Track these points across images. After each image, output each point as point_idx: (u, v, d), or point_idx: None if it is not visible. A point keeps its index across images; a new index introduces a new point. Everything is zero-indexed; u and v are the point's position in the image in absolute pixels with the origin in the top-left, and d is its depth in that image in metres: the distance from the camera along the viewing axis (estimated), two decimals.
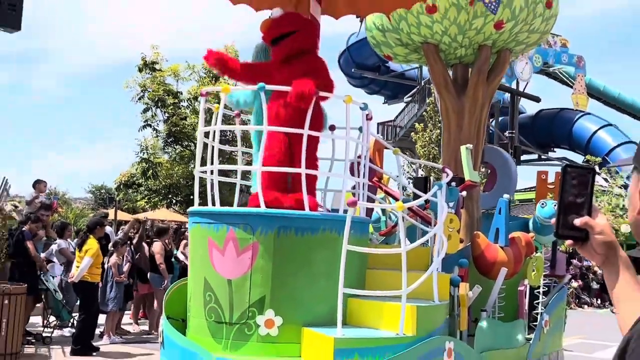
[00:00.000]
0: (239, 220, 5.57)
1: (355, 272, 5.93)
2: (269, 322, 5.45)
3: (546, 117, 30.92)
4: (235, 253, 5.53)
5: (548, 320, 7.98)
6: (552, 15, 9.01)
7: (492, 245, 7.57)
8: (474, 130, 9.03)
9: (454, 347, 5.67)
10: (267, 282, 5.48)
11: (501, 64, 9.22)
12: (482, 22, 8.57)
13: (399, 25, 8.99)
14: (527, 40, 9.11)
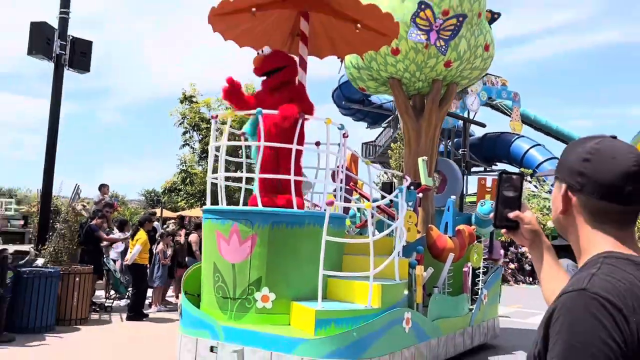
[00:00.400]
0: (241, 216, 5.61)
1: (334, 257, 5.98)
2: (264, 297, 5.49)
3: (490, 138, 32.46)
4: (238, 243, 5.57)
5: (486, 294, 8.07)
6: (489, 56, 9.13)
7: (442, 235, 7.65)
8: (429, 145, 9.12)
9: (411, 317, 5.74)
10: (263, 265, 5.52)
11: (450, 94, 9.33)
12: (435, 61, 8.67)
13: (370, 64, 9.08)
14: (470, 75, 9.22)
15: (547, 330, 1.10)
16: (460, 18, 8.31)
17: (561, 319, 1.07)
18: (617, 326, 1.03)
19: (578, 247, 1.29)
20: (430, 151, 9.12)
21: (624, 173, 1.18)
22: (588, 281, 1.10)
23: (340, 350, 4.87)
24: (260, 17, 6.89)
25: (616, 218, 1.22)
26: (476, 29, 8.78)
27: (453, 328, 6.87)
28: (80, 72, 10.39)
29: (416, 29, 8.27)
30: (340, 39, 7.41)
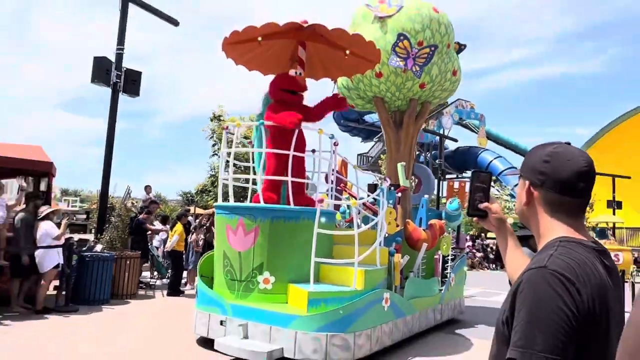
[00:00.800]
0: (246, 212, 5.29)
1: (325, 247, 5.65)
2: (266, 280, 5.16)
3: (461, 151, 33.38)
4: (243, 234, 5.25)
5: (454, 277, 7.72)
6: (456, 80, 8.79)
7: (417, 228, 7.30)
8: (406, 153, 8.78)
9: (390, 297, 5.39)
10: (264, 253, 5.20)
11: (424, 111, 8.98)
12: (412, 83, 8.34)
13: (357, 85, 8.75)
14: (441, 95, 8.88)
15: (514, 300, 1.08)
16: (432, 48, 7.98)
17: (525, 290, 1.06)
18: (572, 296, 1.03)
19: (538, 233, 1.26)
20: (408, 157, 8.78)
21: (578, 172, 1.18)
22: (547, 260, 1.09)
23: (328, 325, 4.54)
24: (265, 46, 6.58)
25: (570, 209, 1.21)
26: (446, 57, 8.44)
27: (425, 306, 6.52)
28: (132, 97, 10.48)
29: (395, 56, 7.94)
30: (332, 64, 7.10)
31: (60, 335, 5.74)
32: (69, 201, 30.19)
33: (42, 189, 8.95)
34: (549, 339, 0.99)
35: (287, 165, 5.50)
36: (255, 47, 6.45)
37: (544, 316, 1.01)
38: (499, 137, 33.95)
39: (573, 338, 1.00)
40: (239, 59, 6.69)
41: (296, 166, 5.69)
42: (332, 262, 5.28)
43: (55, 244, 7.08)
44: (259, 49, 6.55)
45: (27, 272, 6.94)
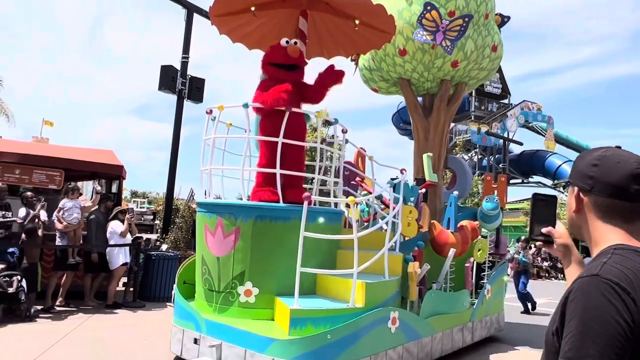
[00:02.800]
0: (225, 210, 4.57)
1: (323, 253, 4.84)
2: (247, 292, 4.43)
3: (527, 155, 32.73)
4: (222, 236, 4.54)
5: (490, 289, 6.65)
6: (497, 57, 7.63)
7: (444, 230, 6.31)
8: (437, 142, 7.74)
9: (399, 316, 4.49)
10: (246, 259, 4.46)
11: (458, 94, 7.89)
12: (442, 61, 7.30)
13: (380, 65, 7.81)
14: (478, 75, 7.76)
15: (564, 309, 1.07)
16: (466, 18, 6.89)
17: (576, 299, 1.05)
18: (626, 306, 1.01)
19: (590, 241, 1.23)
20: (439, 148, 7.74)
21: (629, 174, 1.16)
22: (600, 268, 1.08)
23: (311, 353, 3.73)
24: (263, 19, 5.84)
25: (623, 213, 1.17)
26: (483, 30, 7.32)
27: (450, 324, 5.54)
28: (196, 103, 11.07)
29: (422, 29, 6.92)
30: (344, 38, 6.25)
31: (130, 328, 6.22)
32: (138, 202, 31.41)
33: (114, 190, 9.88)
34: (600, 351, 0.97)
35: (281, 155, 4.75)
36: (251, 20, 5.73)
37: (596, 326, 1.00)
38: (569, 139, 32.84)
39: (627, 350, 0.97)
40: (234, 35, 5.99)
41: (291, 156, 4.91)
42: (323, 272, 4.45)
43: (122, 242, 7.70)
44: (256, 23, 5.82)
45: (98, 268, 7.66)
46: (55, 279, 7.40)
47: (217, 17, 5.50)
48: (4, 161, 8.06)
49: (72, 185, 7.84)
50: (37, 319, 6.49)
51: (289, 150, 4.85)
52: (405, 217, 5.74)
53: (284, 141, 4.58)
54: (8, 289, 6.27)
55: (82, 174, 9.62)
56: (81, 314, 6.94)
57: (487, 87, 33.93)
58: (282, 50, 4.90)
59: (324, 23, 6.02)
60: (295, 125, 4.86)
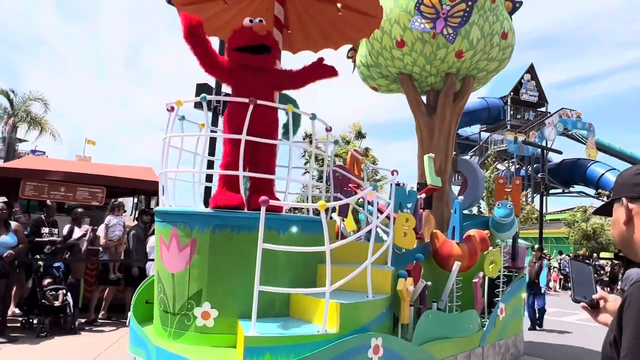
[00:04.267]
0: (180, 219, 4.03)
1: (300, 267, 4.25)
2: (205, 314, 3.86)
3: (567, 164, 32.39)
4: (177, 249, 4.00)
5: (504, 308, 5.89)
6: (508, 45, 6.96)
7: (448, 241, 5.63)
8: (443, 142, 7.08)
9: (384, 343, 3.83)
10: (203, 276, 3.90)
11: (466, 89, 7.23)
12: (445, 52, 6.67)
13: (377, 60, 7.24)
14: (487, 67, 7.08)
15: (621, 317, 1.07)
16: (469, 2, 6.26)
17: (632, 305, 1.05)
18: None
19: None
20: (445, 149, 7.08)
21: None
22: None
23: None
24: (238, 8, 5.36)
25: None
26: (490, 15, 6.67)
27: (454, 350, 4.84)
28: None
29: (420, 17, 6.33)
30: (331, 28, 5.71)
31: None
32: None
33: (152, 206, 10.28)
34: None
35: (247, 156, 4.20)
36: (224, 9, 5.27)
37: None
38: (611, 147, 32.10)
39: None
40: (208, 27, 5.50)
41: (261, 155, 4.36)
42: (286, 290, 3.84)
43: None
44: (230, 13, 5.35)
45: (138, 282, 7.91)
46: (98, 293, 7.84)
47: (183, 7, 5.04)
48: (51, 179, 8.57)
49: (117, 202, 8.28)
50: (81, 332, 6.89)
51: (259, 148, 4.31)
52: (401, 226, 5.10)
53: (248, 138, 4.03)
54: (54, 303, 6.74)
55: (123, 190, 10.10)
56: (123, 328, 7.07)
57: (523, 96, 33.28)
58: (246, 30, 4.31)
59: (306, 11, 5.50)
60: (265, 120, 4.31)
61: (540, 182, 16.13)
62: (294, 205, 4.31)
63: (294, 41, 6.02)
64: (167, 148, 4.27)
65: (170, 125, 4.27)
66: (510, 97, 33.31)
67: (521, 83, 33.46)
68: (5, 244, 6.46)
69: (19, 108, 25.09)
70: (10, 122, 25.06)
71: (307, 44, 6.07)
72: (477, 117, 33.44)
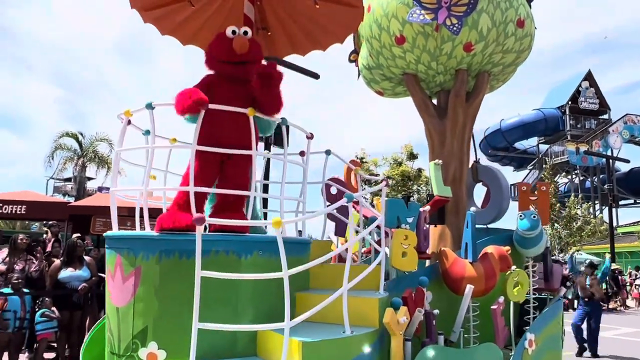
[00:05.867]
0: (123, 244, 3.59)
1: (274, 298, 3.68)
2: (151, 356, 3.34)
3: (637, 172, 31.17)
4: (121, 279, 3.54)
5: (533, 339, 5.04)
6: (525, 34, 6.25)
7: (459, 261, 4.90)
8: (456, 147, 6.39)
9: None
10: (149, 311, 3.41)
11: (480, 86, 6.53)
12: (451, 46, 6.05)
13: (378, 61, 6.70)
14: (503, 60, 6.38)
15: None
16: None
17: None
18: None
19: None
20: (460, 155, 6.39)
21: None
22: None
23: None
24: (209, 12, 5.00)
25: None
26: (502, 1, 6.01)
27: None
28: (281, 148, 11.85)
29: (419, 7, 5.77)
30: (313, 27, 5.26)
31: None
32: None
33: None
34: None
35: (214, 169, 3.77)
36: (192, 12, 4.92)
37: None
38: None
39: None
40: (179, 34, 5.18)
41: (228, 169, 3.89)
42: (229, 327, 3.23)
43: None
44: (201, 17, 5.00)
45: None
46: None
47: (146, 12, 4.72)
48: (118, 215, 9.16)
49: None
50: None
51: (228, 162, 3.84)
52: (398, 244, 4.46)
53: (199, 148, 3.56)
54: None
55: None
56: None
57: (582, 104, 32.07)
58: (227, 43, 3.92)
59: (284, 9, 5.07)
60: (236, 130, 3.84)
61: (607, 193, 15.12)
62: (246, 224, 3.75)
63: (278, 44, 5.59)
64: (117, 163, 3.87)
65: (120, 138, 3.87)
66: (569, 106, 32.22)
67: (579, 91, 32.38)
68: (80, 278, 7.22)
69: (87, 149, 27.91)
70: (80, 163, 27.78)
71: (293, 46, 5.62)
72: (534, 129, 32.44)
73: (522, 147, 32.95)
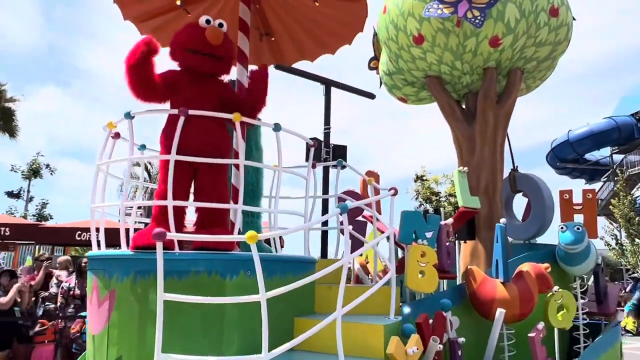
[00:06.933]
0: (99, 265, 3.36)
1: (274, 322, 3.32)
2: None
3: None
4: (97, 304, 3.31)
5: None
6: (561, 23, 5.66)
7: (489, 281, 4.34)
8: (488, 154, 5.83)
9: None
10: (123, 339, 3.14)
11: (512, 85, 5.97)
12: (475, 42, 5.57)
13: (398, 65, 6.30)
14: (537, 55, 5.81)
15: None
16: None
17: None
18: None
19: None
20: (492, 163, 5.82)
21: None
22: None
23: None
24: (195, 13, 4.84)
25: None
26: None
27: None
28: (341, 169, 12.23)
29: (437, 2, 5.37)
30: (318, 29, 5.00)
31: None
32: None
33: None
34: None
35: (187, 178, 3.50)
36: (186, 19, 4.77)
37: None
38: None
39: None
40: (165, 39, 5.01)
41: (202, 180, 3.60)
42: None
43: None
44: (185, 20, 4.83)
45: None
46: None
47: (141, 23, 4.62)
48: None
49: None
50: None
51: (201, 172, 3.56)
52: (415, 262, 4.00)
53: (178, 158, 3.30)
54: None
55: None
56: None
57: None
58: (199, 31, 3.65)
59: (285, 11, 4.83)
60: (208, 137, 3.56)
61: None
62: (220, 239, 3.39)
63: (285, 51, 5.35)
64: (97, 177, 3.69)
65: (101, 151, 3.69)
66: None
67: None
68: None
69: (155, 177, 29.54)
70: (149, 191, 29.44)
71: (301, 52, 5.36)
72: (606, 139, 30.61)
73: (593, 159, 31.08)
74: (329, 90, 11.84)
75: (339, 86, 12.00)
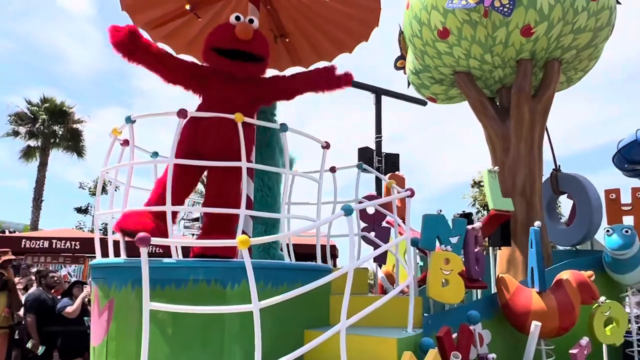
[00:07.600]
0: (99, 274, 3.31)
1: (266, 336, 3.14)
2: None
3: None
4: (97, 314, 3.25)
5: None
6: (601, 7, 5.20)
7: (523, 290, 3.97)
8: (524, 152, 5.41)
9: None
10: (122, 351, 3.05)
11: (549, 78, 5.53)
12: (505, 32, 5.22)
13: (424, 62, 6.02)
14: (577, 43, 5.36)
15: None
16: None
17: None
18: None
19: None
20: (529, 161, 5.41)
21: None
22: None
23: None
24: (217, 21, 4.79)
25: None
26: None
27: None
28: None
29: None
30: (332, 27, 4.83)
31: None
32: None
33: None
34: None
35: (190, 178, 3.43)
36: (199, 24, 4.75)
37: None
38: None
39: None
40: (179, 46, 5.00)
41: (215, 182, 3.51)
42: None
43: None
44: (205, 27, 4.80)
45: None
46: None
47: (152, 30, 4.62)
48: None
49: None
50: None
51: (211, 175, 3.47)
52: (437, 269, 3.73)
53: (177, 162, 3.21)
54: None
55: None
56: None
57: None
58: (229, 29, 3.59)
59: (297, 10, 4.71)
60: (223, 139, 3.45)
61: None
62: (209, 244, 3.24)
63: (301, 53, 5.22)
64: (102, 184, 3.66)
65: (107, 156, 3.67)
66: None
67: None
68: None
69: None
70: None
71: (318, 53, 5.20)
72: None
73: None
74: (379, 99, 11.90)
75: (390, 94, 11.98)
